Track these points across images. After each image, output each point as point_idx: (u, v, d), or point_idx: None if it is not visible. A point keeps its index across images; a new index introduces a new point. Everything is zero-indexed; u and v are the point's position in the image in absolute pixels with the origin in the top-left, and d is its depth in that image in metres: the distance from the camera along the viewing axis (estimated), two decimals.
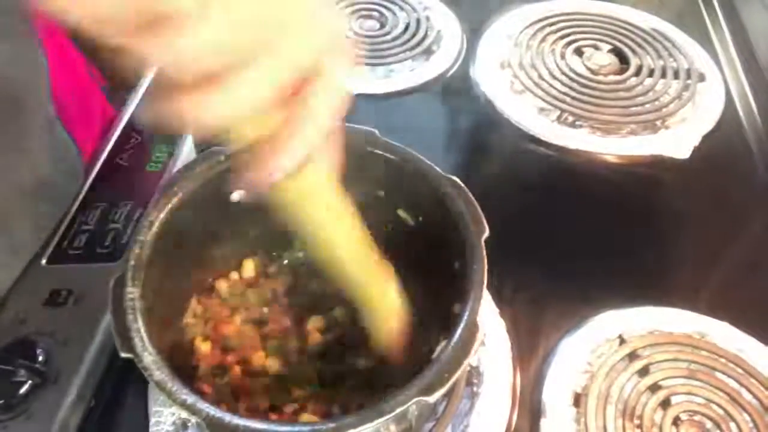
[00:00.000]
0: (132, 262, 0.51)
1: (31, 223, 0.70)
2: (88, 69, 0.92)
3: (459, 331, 0.46)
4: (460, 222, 0.52)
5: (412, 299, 0.56)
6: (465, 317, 0.47)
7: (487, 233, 0.51)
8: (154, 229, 0.53)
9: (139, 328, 0.47)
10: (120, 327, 0.47)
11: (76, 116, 0.82)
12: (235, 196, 0.59)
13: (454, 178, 0.54)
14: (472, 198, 0.53)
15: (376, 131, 0.57)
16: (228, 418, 0.42)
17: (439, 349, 0.47)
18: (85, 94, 0.89)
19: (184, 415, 0.43)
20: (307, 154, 0.38)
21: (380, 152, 0.57)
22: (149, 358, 0.45)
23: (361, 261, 0.50)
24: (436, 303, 0.55)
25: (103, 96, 0.92)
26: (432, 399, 0.43)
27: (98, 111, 0.89)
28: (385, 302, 0.53)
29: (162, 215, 0.54)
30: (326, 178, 0.44)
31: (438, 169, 0.55)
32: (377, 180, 0.58)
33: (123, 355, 0.46)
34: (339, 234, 0.48)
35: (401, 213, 0.59)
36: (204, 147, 0.59)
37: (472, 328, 0.46)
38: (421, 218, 0.58)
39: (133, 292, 0.49)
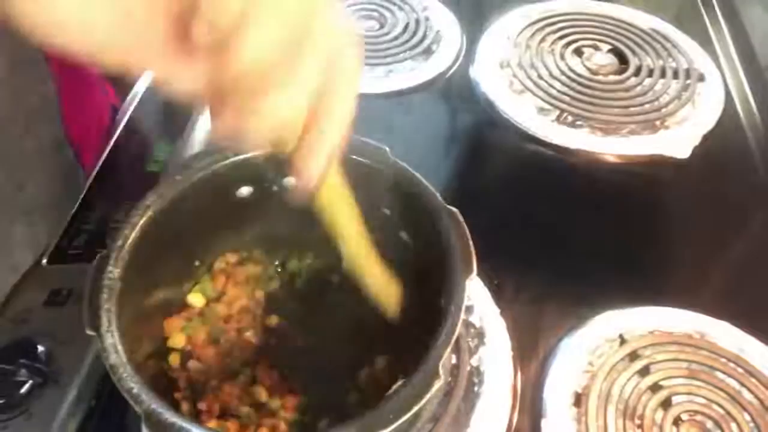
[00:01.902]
0: (119, 243, 0.50)
1: (31, 242, 0.70)
2: (101, 88, 0.94)
3: (417, 375, 0.44)
4: (450, 260, 0.50)
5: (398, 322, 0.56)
6: (427, 362, 0.44)
7: (474, 274, 0.49)
8: (149, 213, 0.52)
9: (110, 308, 0.46)
10: (92, 304, 0.47)
11: (84, 137, 0.84)
12: (243, 191, 0.59)
13: (455, 210, 0.53)
14: (468, 235, 0.51)
15: (388, 149, 0.56)
16: (167, 414, 0.41)
17: (395, 387, 0.45)
18: (95, 115, 0.90)
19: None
20: (332, 155, 0.40)
21: (388, 171, 0.56)
22: (110, 340, 0.45)
23: (367, 248, 0.52)
24: (418, 332, 0.55)
25: (111, 116, 0.94)
26: None
27: (105, 130, 0.90)
28: (383, 278, 0.54)
29: (159, 202, 0.53)
30: (339, 177, 0.45)
31: (440, 198, 0.53)
32: (384, 197, 0.57)
33: (88, 331, 0.45)
34: (356, 227, 0.49)
35: (402, 235, 0.58)
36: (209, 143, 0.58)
37: (432, 375, 0.44)
38: (418, 244, 0.57)
39: (113, 272, 0.48)
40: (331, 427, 0.44)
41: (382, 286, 0.54)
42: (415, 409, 0.43)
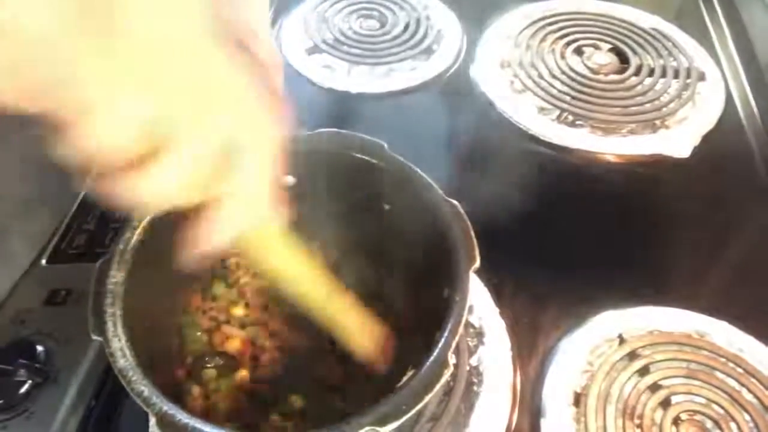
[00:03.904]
0: (120, 247, 0.50)
1: (31, 233, 0.70)
2: None
3: (427, 365, 0.44)
4: (453, 250, 0.51)
5: (402, 316, 0.57)
6: (436, 352, 0.45)
7: (477, 265, 0.50)
8: (149, 216, 0.52)
9: (114, 312, 0.47)
10: (96, 309, 0.47)
11: None
12: None
13: (455, 202, 0.53)
14: (469, 225, 0.52)
15: (386, 145, 0.57)
16: (179, 416, 0.42)
17: (405, 378, 0.45)
18: None
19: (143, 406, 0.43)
20: (239, 227, 0.38)
21: (386, 166, 0.56)
22: (117, 344, 0.45)
23: (321, 293, 0.51)
24: (425, 323, 0.55)
25: None
26: (385, 430, 0.42)
27: None
28: (351, 323, 0.54)
29: None
30: (270, 231, 0.44)
31: (440, 191, 0.54)
32: (383, 192, 0.58)
33: (94, 337, 0.46)
34: (296, 274, 0.49)
35: (404, 228, 0.58)
36: None
37: (441, 365, 0.44)
38: (420, 236, 0.57)
39: (116, 276, 0.49)
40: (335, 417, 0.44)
41: (354, 328, 0.54)
42: (427, 398, 0.43)
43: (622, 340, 0.64)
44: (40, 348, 0.59)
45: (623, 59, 0.95)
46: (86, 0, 0.27)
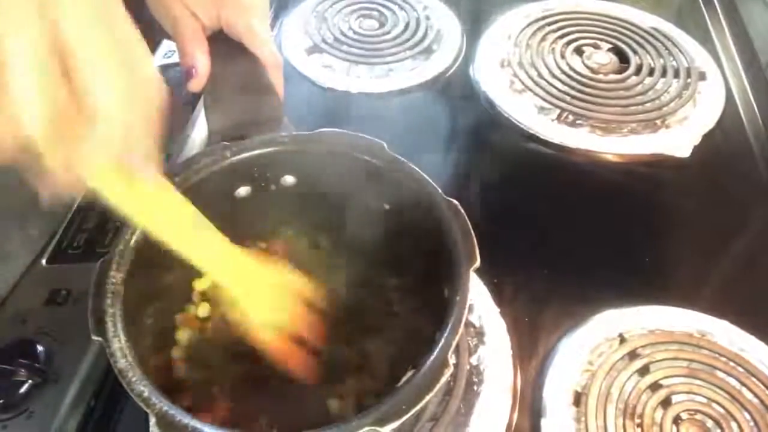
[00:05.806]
0: (120, 247, 0.50)
1: (29, 236, 0.70)
2: None
3: (427, 365, 0.44)
4: (453, 250, 0.51)
5: (403, 316, 0.57)
6: (436, 352, 0.45)
7: (477, 265, 0.49)
8: None
9: (114, 312, 0.47)
10: (96, 309, 0.47)
11: None
12: (241, 192, 0.59)
13: (455, 202, 0.53)
14: (469, 225, 0.51)
15: (386, 145, 0.57)
16: (179, 416, 0.42)
17: (405, 378, 0.45)
18: None
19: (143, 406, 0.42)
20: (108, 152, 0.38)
21: (386, 166, 0.56)
22: (117, 345, 0.45)
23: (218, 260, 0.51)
24: (425, 322, 0.55)
25: None
26: (385, 430, 0.41)
27: None
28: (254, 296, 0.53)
29: None
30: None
31: (439, 191, 0.54)
32: (383, 192, 0.58)
33: (94, 337, 0.46)
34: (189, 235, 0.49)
35: (404, 228, 0.58)
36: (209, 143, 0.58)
37: (441, 365, 0.44)
38: (420, 237, 0.57)
39: (116, 276, 0.49)
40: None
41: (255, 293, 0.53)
42: (427, 398, 0.43)
43: (622, 339, 0.64)
44: (40, 348, 0.59)
45: (623, 59, 0.95)
46: None
